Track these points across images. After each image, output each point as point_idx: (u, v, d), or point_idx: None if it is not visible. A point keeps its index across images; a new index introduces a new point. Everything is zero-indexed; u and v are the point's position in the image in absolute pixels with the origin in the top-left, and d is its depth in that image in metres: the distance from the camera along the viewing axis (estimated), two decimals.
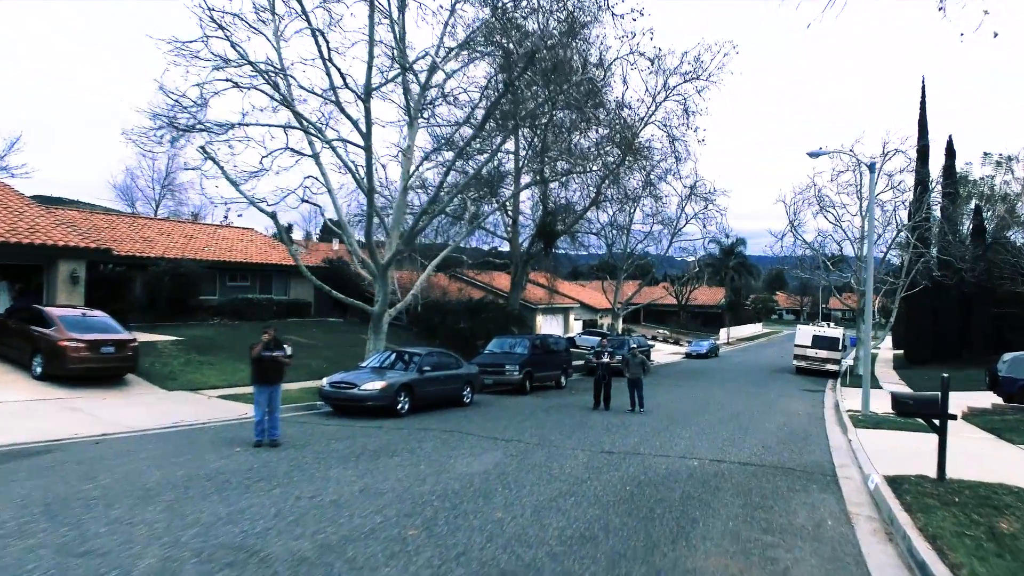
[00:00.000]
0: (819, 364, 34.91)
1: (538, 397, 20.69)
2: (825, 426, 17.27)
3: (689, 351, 46.33)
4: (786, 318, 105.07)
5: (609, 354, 17.93)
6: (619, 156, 30.67)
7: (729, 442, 13.34)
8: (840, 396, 25.84)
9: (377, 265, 18.95)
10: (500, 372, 21.06)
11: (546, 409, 17.62)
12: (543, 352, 23.08)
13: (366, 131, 17.00)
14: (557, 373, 23.55)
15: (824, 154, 20.42)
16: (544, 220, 30.73)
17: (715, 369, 36.71)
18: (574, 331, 49.33)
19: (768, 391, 26.46)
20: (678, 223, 35.17)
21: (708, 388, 26.11)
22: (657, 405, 18.93)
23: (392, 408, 14.65)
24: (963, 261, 32.78)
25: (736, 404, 21.10)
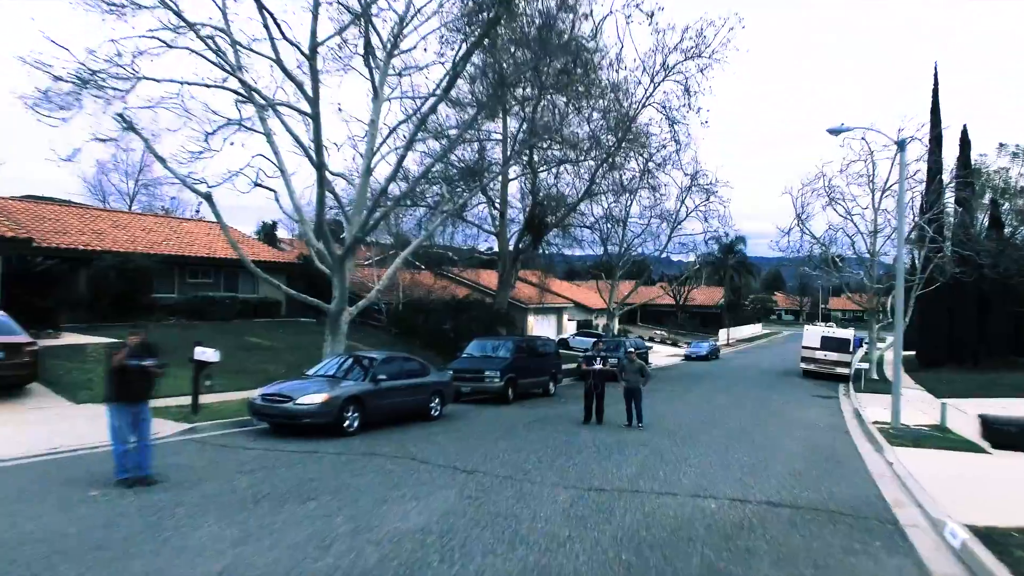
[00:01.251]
0: (829, 367, 32.32)
1: (522, 407, 18.02)
2: (854, 443, 14.65)
3: (688, 353, 43.71)
4: (785, 319, 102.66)
5: (602, 359, 15.23)
6: (615, 141, 28.03)
7: (748, 469, 10.68)
8: (857, 403, 23.25)
9: (332, 255, 16.26)
10: (479, 379, 18.39)
11: (528, 424, 14.94)
12: (529, 355, 20.42)
13: (313, 95, 14.32)
14: (544, 379, 20.88)
15: (846, 130, 17.85)
16: (533, 211, 28.08)
17: (717, 372, 34.09)
18: (567, 332, 46.69)
19: (778, 397, 23.84)
20: (678, 216, 32.58)
21: (712, 395, 23.46)
22: (657, 417, 16.28)
23: (337, 426, 11.96)
24: (986, 256, 30.18)
25: (746, 414, 18.46)
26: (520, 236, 30.99)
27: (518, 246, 31.42)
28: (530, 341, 21.88)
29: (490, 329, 28.00)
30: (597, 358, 15.17)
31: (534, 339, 23.32)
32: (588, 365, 15.31)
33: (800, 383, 30.15)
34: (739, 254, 64.31)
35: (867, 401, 23.61)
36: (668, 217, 32.90)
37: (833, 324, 36.56)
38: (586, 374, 15.42)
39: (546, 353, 21.72)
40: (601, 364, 15.11)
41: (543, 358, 21.29)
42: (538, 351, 21.28)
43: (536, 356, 20.89)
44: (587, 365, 15.36)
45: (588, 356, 15.54)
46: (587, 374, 15.36)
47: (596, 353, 15.29)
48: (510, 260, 31.76)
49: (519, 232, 31.25)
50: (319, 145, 14.64)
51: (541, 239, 29.19)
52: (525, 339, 22.22)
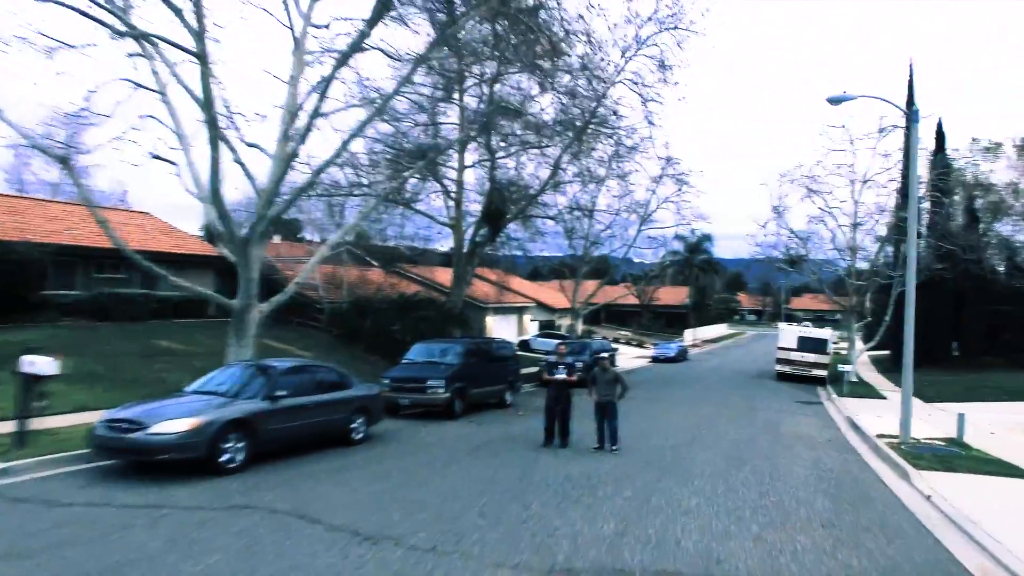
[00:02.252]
0: (805, 369, 30.11)
1: (471, 424, 14.99)
2: (870, 465, 12.03)
3: (656, 355, 41.22)
4: (748, 319, 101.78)
5: (568, 368, 12.25)
6: (582, 122, 25.24)
7: (764, 516, 7.87)
8: (845, 410, 20.91)
9: (233, 237, 12.96)
10: (420, 390, 15.29)
11: (476, 448, 11.91)
12: (481, 361, 17.38)
13: (198, 28, 11.08)
14: (500, 388, 17.87)
15: (848, 99, 15.35)
16: (491, 197, 25.07)
17: (688, 376, 31.60)
18: (529, 333, 43.82)
19: (760, 405, 21.32)
20: (648, 207, 29.99)
21: (690, 403, 20.79)
22: (633, 435, 13.44)
23: (212, 461, 8.74)
24: (971, 251, 28.38)
25: (733, 428, 15.78)
26: (477, 227, 27.95)
27: (474, 239, 28.39)
28: (483, 344, 18.86)
29: (442, 330, 24.91)
30: (560, 366, 12.21)
31: (488, 341, 20.31)
32: (550, 375, 12.33)
33: (777, 387, 27.81)
34: (705, 252, 62.45)
35: (855, 407, 21.29)
36: (638, 209, 30.30)
37: (809, 324, 34.40)
38: (548, 385, 12.44)
39: (502, 357, 18.72)
40: (566, 374, 12.16)
41: (499, 363, 18.29)
42: (493, 355, 18.26)
43: (490, 361, 17.86)
44: (549, 375, 12.38)
45: (549, 363, 12.52)
46: (549, 385, 12.39)
47: (560, 360, 12.32)
48: (466, 254, 28.72)
49: (476, 223, 28.21)
50: (208, 94, 11.37)
51: (499, 230, 26.21)
52: (478, 341, 19.16)
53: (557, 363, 12.22)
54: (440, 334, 24.43)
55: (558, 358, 12.32)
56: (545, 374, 12.41)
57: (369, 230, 29.81)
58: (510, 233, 31.60)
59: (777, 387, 27.71)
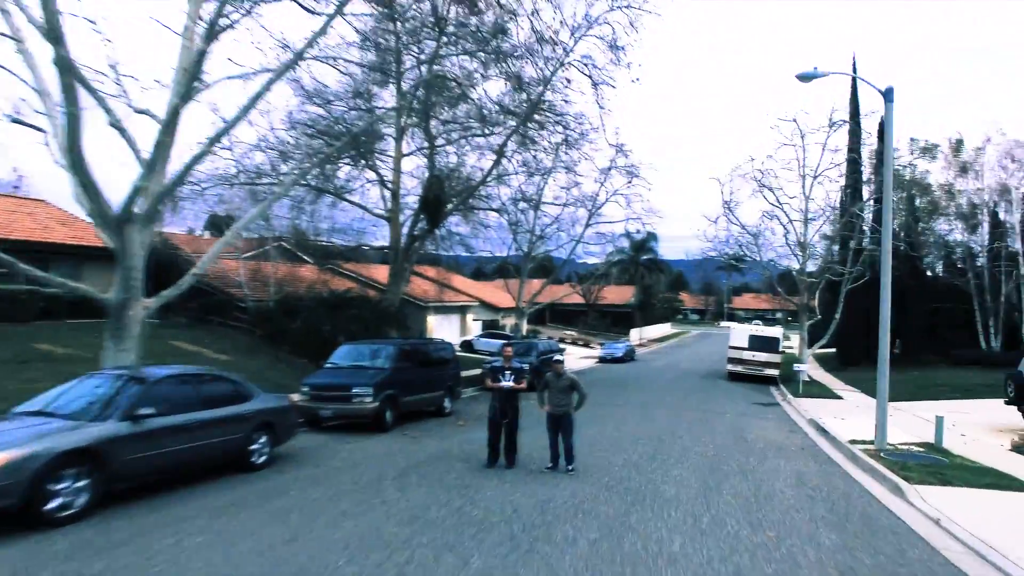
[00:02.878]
0: (757, 369, 29.21)
1: (403, 438, 12.90)
2: (858, 481, 10.57)
3: (603, 355, 39.85)
4: (691, 318, 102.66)
5: (514, 374, 10.31)
6: (527, 107, 23.46)
7: (769, 563, 6.15)
8: (803, 411, 19.82)
9: (104, 215, 10.45)
10: (344, 398, 13.08)
11: (405, 471, 9.85)
12: (417, 364, 15.27)
13: None
14: (438, 395, 15.81)
15: (819, 75, 14.01)
16: (429, 186, 22.95)
17: (638, 376, 30.26)
18: (472, 333, 41.82)
19: (718, 407, 20.00)
20: (597, 199, 28.41)
21: (645, 407, 19.24)
22: (589, 449, 11.66)
23: (34, 509, 6.40)
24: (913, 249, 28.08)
25: (697, 436, 14.24)
26: (415, 219, 25.76)
27: (412, 232, 26.19)
28: (419, 345, 16.73)
29: (377, 330, 22.65)
30: (507, 371, 10.26)
31: (425, 342, 18.18)
32: (495, 381, 10.35)
33: (731, 388, 26.71)
34: (651, 252, 61.84)
35: (814, 409, 20.24)
36: (586, 202, 28.71)
37: (759, 322, 33.67)
38: (492, 392, 10.46)
39: (441, 360, 16.65)
40: (514, 380, 10.21)
41: (437, 367, 16.22)
42: (430, 358, 16.16)
43: (427, 364, 15.77)
44: (493, 382, 10.39)
45: (494, 368, 10.55)
46: (493, 393, 10.42)
47: (506, 364, 10.37)
48: (403, 248, 26.49)
49: (414, 215, 26.02)
50: (54, 22, 8.89)
51: (438, 221, 24.09)
52: (412, 342, 16.99)
53: (503, 368, 10.28)
54: (375, 334, 22.19)
55: (504, 362, 10.37)
56: (489, 380, 10.42)
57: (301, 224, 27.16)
58: (451, 227, 29.60)
59: (730, 388, 26.61)
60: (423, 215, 23.55)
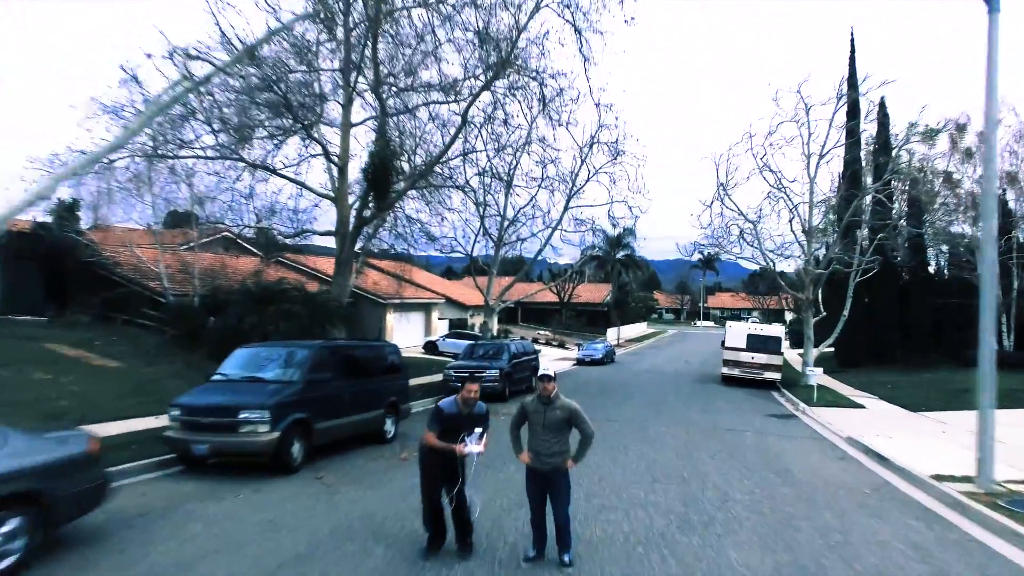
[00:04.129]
0: (756, 372, 25.59)
1: (314, 483, 8.72)
2: (1009, 559, 6.73)
3: (581, 356, 35.89)
4: (666, 318, 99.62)
5: (481, 427, 5.81)
6: (496, 62, 19.41)
7: None
8: (830, 424, 16.14)
9: None
10: (228, 427, 8.82)
11: (293, 561, 5.70)
12: (344, 374, 11.01)
13: None
14: (375, 415, 11.59)
15: None
16: (379, 154, 18.70)
17: (624, 382, 26.37)
18: (438, 332, 37.57)
19: (728, 422, 16.17)
20: (577, 178, 24.41)
21: (644, 425, 15.29)
22: (586, 503, 7.71)
23: None
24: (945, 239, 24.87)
25: (727, 471, 10.31)
26: (363, 199, 21.49)
27: (361, 214, 21.91)
28: (350, 348, 12.37)
29: (313, 329, 18.36)
30: (474, 432, 5.82)
31: (359, 345, 13.66)
32: (445, 439, 5.83)
33: (731, 394, 22.97)
34: (628, 248, 58.21)
35: (838, 421, 16.59)
36: (565, 181, 24.68)
37: (756, 319, 30.07)
38: (431, 456, 6.01)
39: (382, 368, 12.42)
40: (479, 443, 5.78)
41: (376, 377, 12.00)
42: (365, 365, 11.92)
43: (361, 374, 11.54)
44: (442, 439, 5.81)
45: (443, 414, 5.91)
46: (429, 457, 5.97)
47: (464, 412, 5.89)
48: (351, 232, 22.18)
49: (362, 194, 21.75)
50: None
51: (387, 195, 19.84)
52: (340, 344, 12.56)
53: (460, 416, 5.91)
54: (311, 334, 17.93)
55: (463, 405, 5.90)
56: (433, 437, 5.86)
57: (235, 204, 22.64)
58: (410, 213, 25.36)
59: (731, 395, 22.86)
60: (372, 192, 19.26)
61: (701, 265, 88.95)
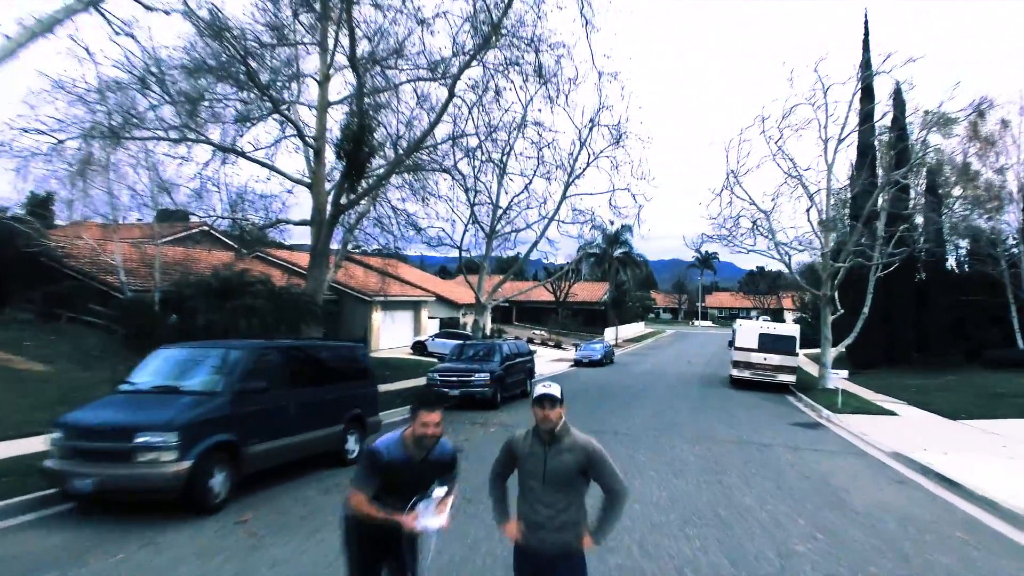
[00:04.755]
0: (769, 374, 23.44)
1: (233, 531, 6.50)
2: None
3: (579, 357, 33.66)
4: (663, 317, 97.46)
5: (444, 485, 3.51)
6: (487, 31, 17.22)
7: None
8: (865, 436, 14.02)
9: None
10: (120, 455, 6.56)
11: None
12: (289, 382, 8.74)
13: None
14: (333, 432, 9.33)
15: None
16: (354, 127, 16.47)
17: (626, 385, 24.17)
18: (428, 332, 35.32)
19: (751, 432, 14.01)
20: (576, 162, 22.14)
21: (658, 437, 13.10)
22: (597, 554, 5.49)
23: None
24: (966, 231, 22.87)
25: (773, 504, 8.10)
26: (341, 183, 19.25)
27: (338, 200, 19.67)
28: (298, 349, 9.92)
29: (282, 325, 16.12)
30: (428, 498, 3.43)
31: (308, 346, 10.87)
32: (375, 483, 3.41)
33: (745, 399, 20.82)
34: (625, 245, 56.02)
35: (875, 432, 14.45)
36: (563, 166, 22.44)
37: (768, 318, 27.93)
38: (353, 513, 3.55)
39: (344, 373, 10.13)
40: (436, 516, 3.37)
41: (336, 385, 9.73)
42: (322, 369, 9.64)
43: (314, 381, 9.27)
44: (366, 500, 3.38)
45: (388, 465, 3.39)
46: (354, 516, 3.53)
47: (415, 455, 3.46)
48: (328, 221, 19.94)
49: (339, 181, 19.52)
50: None
51: (362, 174, 17.63)
52: (287, 345, 9.90)
53: (416, 468, 3.46)
54: (274, 331, 15.70)
55: (414, 449, 3.46)
56: (358, 499, 3.41)
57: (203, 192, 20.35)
58: (396, 205, 23.14)
59: (745, 400, 20.70)
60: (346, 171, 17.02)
61: (699, 264, 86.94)
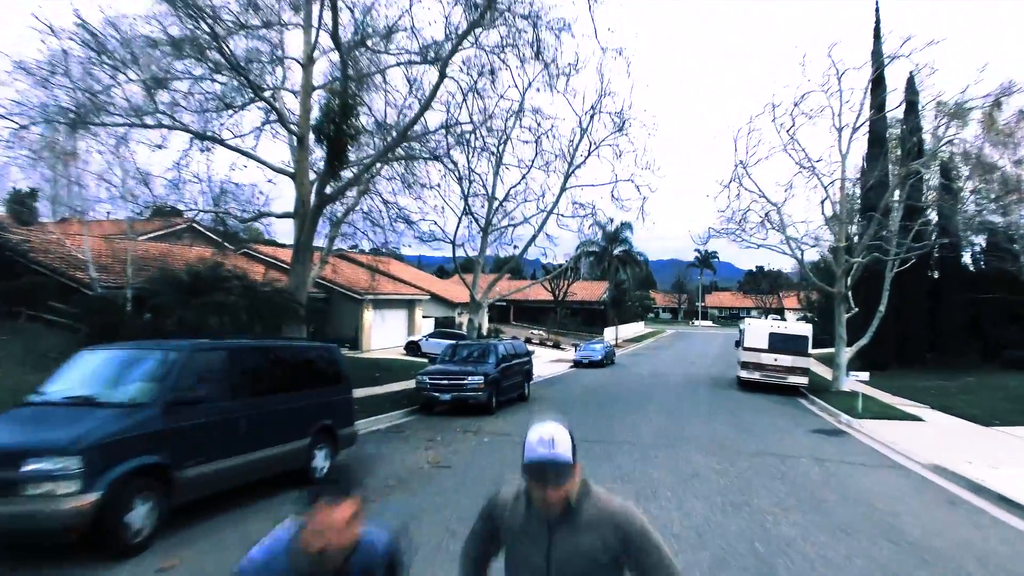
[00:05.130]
0: (779, 376, 22.07)
1: None
2: None
3: (578, 358, 32.25)
4: (662, 317, 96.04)
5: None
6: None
7: None
8: (889, 443, 12.70)
9: None
10: (4, 487, 5.13)
11: None
12: (240, 389, 7.31)
13: None
14: (295, 448, 7.90)
15: None
16: (337, 110, 15.07)
17: (630, 388, 22.78)
18: (421, 332, 33.91)
19: (770, 442, 12.65)
20: (577, 151, 20.73)
21: (669, 451, 11.71)
22: None
23: None
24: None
25: (824, 541, 6.69)
26: (325, 172, 17.84)
27: (322, 190, 18.27)
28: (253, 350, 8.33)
29: (255, 326, 14.71)
30: None
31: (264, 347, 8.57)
32: None
33: (756, 403, 19.45)
34: (625, 243, 54.59)
35: (904, 440, 13.11)
36: (563, 155, 21.03)
37: (778, 317, 26.55)
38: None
39: (312, 378, 8.71)
40: None
41: (301, 392, 8.29)
42: (283, 373, 8.19)
43: (273, 388, 7.83)
44: None
45: None
46: None
47: (311, 569, 1.98)
48: (312, 212, 18.55)
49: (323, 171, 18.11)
50: None
51: (343, 158, 16.22)
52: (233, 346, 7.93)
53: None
54: (249, 330, 14.32)
55: (307, 564, 1.97)
56: None
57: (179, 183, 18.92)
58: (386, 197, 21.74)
59: (755, 403, 19.33)
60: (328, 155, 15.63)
61: (699, 264, 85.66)
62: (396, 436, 12.38)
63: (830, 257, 23.18)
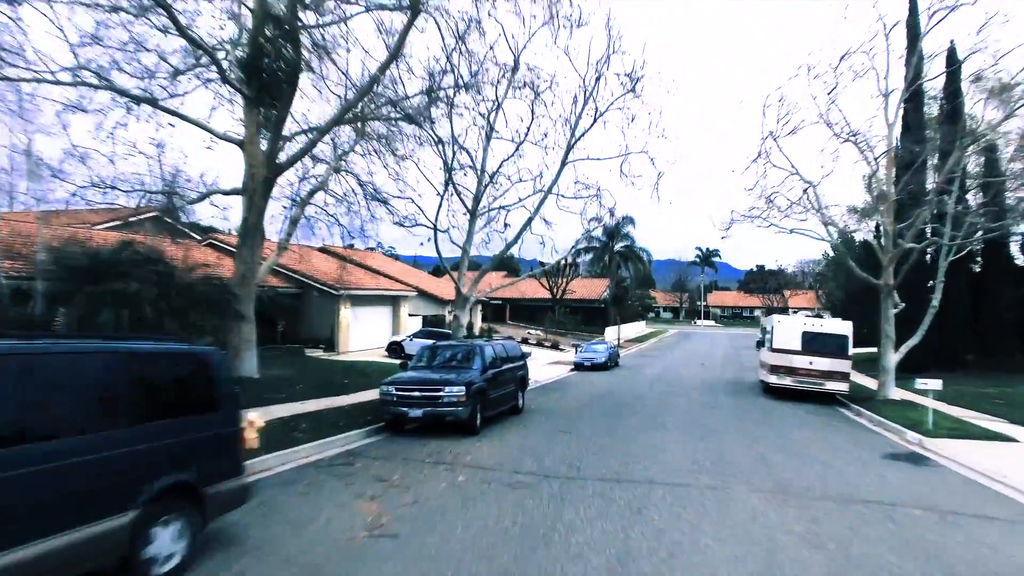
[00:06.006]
0: (815, 382, 18.76)
1: None
2: None
3: (579, 360, 28.85)
4: (664, 316, 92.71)
5: None
6: None
7: None
8: (1001, 477, 9.41)
9: None
10: None
11: None
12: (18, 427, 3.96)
13: None
14: (115, 526, 4.51)
15: None
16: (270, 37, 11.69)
17: (638, 394, 19.43)
18: (406, 330, 30.51)
19: (839, 476, 9.33)
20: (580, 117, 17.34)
21: (710, 492, 8.36)
22: None
23: None
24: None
25: None
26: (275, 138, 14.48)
27: (273, 157, 14.88)
28: (41, 356, 4.50)
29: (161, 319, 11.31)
30: None
31: (37, 352, 4.52)
32: None
33: (792, 415, 16.13)
34: (627, 238, 51.30)
35: (1010, 468, 9.78)
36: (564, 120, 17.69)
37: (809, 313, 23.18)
38: None
39: (160, 404, 5.31)
40: None
41: (141, 425, 4.89)
42: (86, 399, 4.79)
43: (83, 423, 4.45)
44: None
45: None
46: None
47: None
48: (261, 185, 15.16)
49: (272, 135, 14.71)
50: None
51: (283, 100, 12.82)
52: (36, 348, 4.27)
53: None
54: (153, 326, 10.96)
55: None
56: None
57: None
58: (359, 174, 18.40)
59: (792, 415, 16.01)
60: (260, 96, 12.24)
61: (700, 262, 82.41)
62: (340, 471, 9.02)
63: (874, 244, 19.81)
